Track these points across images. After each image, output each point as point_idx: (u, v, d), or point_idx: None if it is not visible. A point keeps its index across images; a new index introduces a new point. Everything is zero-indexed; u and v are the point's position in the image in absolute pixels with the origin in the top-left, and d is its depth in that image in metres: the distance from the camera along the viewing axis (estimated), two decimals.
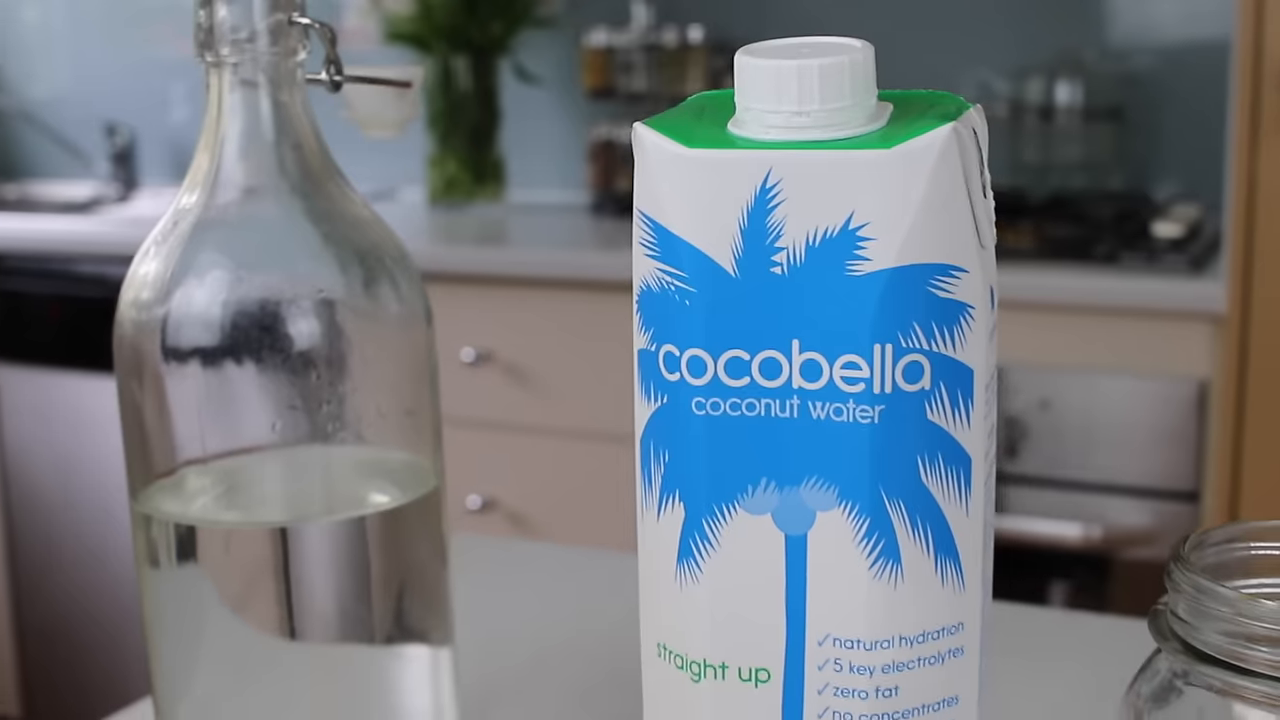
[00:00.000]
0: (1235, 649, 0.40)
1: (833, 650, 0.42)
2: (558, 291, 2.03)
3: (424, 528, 0.56)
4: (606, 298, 1.96)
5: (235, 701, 0.55)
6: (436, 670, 0.58)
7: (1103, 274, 1.79)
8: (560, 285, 2.02)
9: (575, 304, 2.03)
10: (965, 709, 0.43)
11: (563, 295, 2.03)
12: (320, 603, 0.55)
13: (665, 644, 0.44)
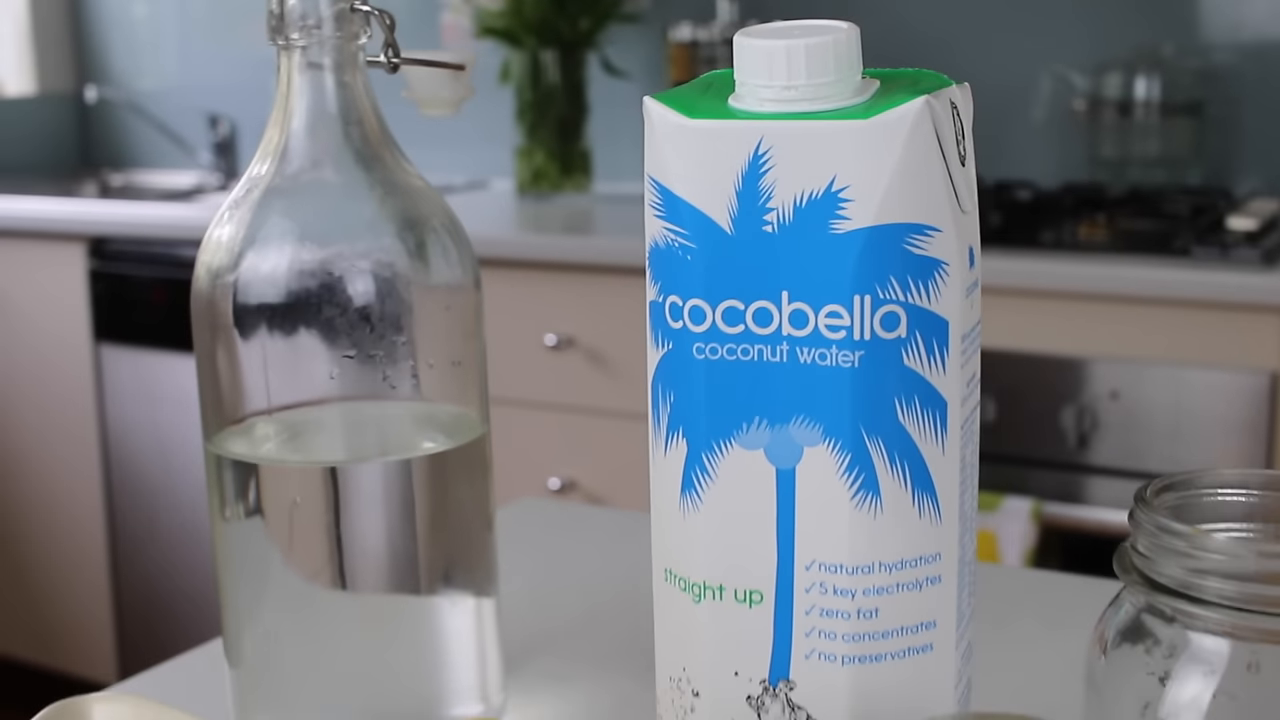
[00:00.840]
0: (1190, 580, 0.44)
1: (819, 574, 0.46)
2: (639, 279, 2.08)
3: (469, 473, 0.61)
4: None
5: (292, 641, 0.60)
6: (480, 619, 0.63)
7: (1175, 266, 1.81)
8: (642, 273, 2.07)
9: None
10: (944, 633, 0.47)
11: (644, 283, 2.07)
12: (370, 542, 0.60)
13: (671, 569, 0.48)
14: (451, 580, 0.62)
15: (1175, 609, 0.45)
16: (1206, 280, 1.77)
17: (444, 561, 0.62)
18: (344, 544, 0.60)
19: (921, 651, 0.47)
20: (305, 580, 0.60)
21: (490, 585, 0.64)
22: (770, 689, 0.47)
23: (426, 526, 0.61)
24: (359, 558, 0.60)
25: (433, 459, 0.60)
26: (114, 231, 2.48)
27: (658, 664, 0.50)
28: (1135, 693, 0.46)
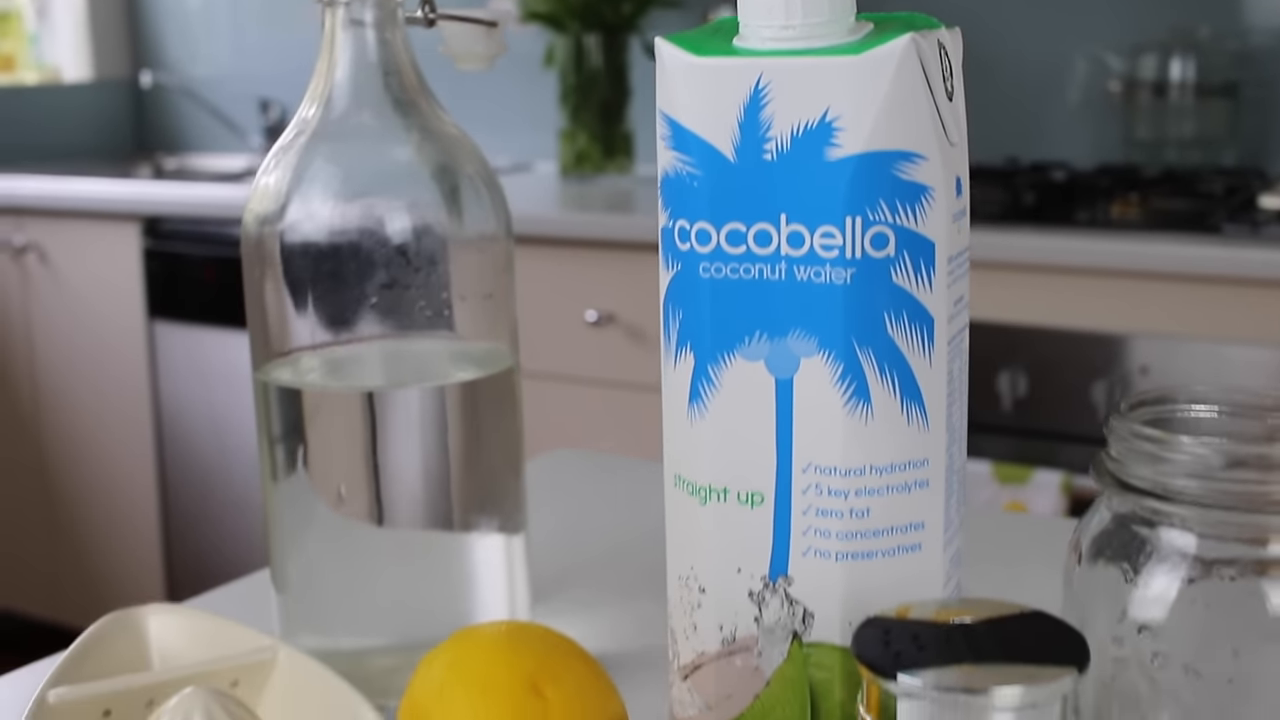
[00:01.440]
0: (1159, 480, 0.48)
1: (814, 477, 0.50)
2: None
3: (500, 403, 0.66)
4: None
5: (332, 569, 0.65)
6: (510, 554, 0.68)
7: (1206, 244, 1.83)
8: None
9: None
10: (932, 534, 0.51)
11: None
12: (404, 468, 0.65)
13: (680, 475, 0.52)
14: (483, 508, 0.66)
15: (1145, 509, 0.48)
16: (1237, 257, 1.79)
17: (476, 489, 0.66)
18: (380, 469, 0.64)
19: (911, 551, 0.51)
20: (345, 507, 0.65)
21: (519, 520, 0.68)
22: (770, 584, 0.51)
23: (459, 453, 0.65)
24: (394, 483, 0.65)
25: (465, 387, 0.65)
26: (168, 211, 2.54)
27: (668, 565, 0.54)
28: (1108, 594, 0.50)
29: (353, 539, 0.65)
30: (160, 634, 0.66)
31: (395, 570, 0.65)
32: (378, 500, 0.64)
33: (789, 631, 0.51)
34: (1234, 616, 0.47)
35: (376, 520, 0.65)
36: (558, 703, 0.53)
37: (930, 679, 0.41)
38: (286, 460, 0.65)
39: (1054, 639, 0.44)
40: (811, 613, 0.51)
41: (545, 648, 0.55)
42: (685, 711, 0.54)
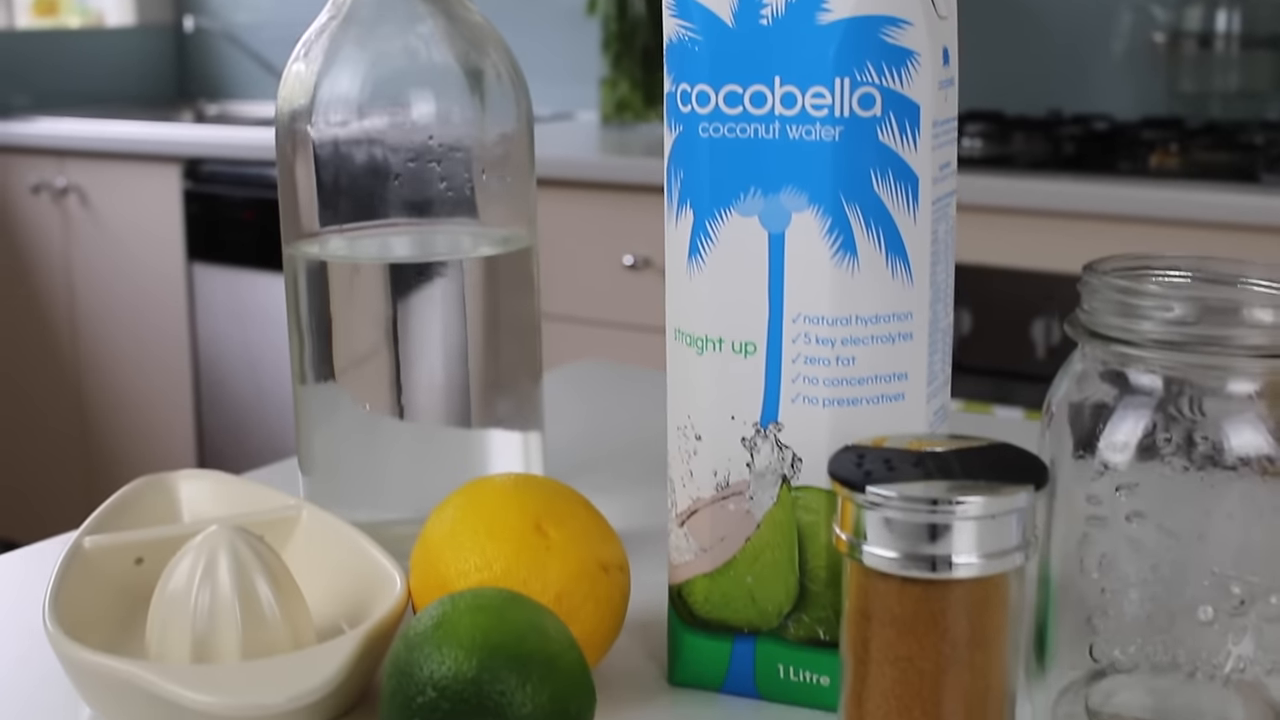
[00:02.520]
0: (1126, 325, 0.51)
1: (804, 326, 0.53)
2: None
3: (518, 282, 0.69)
4: None
5: (355, 452, 0.68)
6: (527, 451, 0.71)
7: (1244, 192, 1.84)
8: None
9: None
10: (915, 385, 0.54)
11: None
12: (425, 342, 0.68)
13: (679, 328, 0.55)
14: (501, 389, 0.70)
15: (1115, 355, 0.51)
16: (1273, 205, 1.80)
17: (494, 368, 0.69)
18: (400, 342, 0.67)
19: (894, 400, 0.54)
20: (367, 385, 0.68)
21: (537, 411, 0.71)
22: (761, 431, 0.54)
23: (478, 328, 0.68)
24: (414, 358, 0.68)
25: (484, 262, 0.68)
26: (208, 153, 2.59)
27: (668, 417, 0.57)
28: (1081, 441, 0.52)
29: (376, 420, 0.68)
30: (191, 495, 0.70)
31: (414, 451, 0.69)
32: (398, 374, 0.68)
33: (778, 476, 0.54)
34: (1199, 461, 0.50)
35: (397, 403, 0.68)
36: (559, 541, 0.56)
37: (896, 491, 0.44)
38: (315, 344, 0.68)
39: (1017, 464, 0.47)
40: (800, 457, 0.54)
41: (551, 493, 0.58)
42: (682, 556, 0.57)
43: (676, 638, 0.58)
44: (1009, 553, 0.45)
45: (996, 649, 0.46)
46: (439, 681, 0.47)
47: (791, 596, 0.55)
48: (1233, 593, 0.49)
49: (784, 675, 0.57)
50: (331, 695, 0.53)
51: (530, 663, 0.47)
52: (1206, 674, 0.50)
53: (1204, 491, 0.50)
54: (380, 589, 0.59)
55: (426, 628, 0.49)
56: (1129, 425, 0.51)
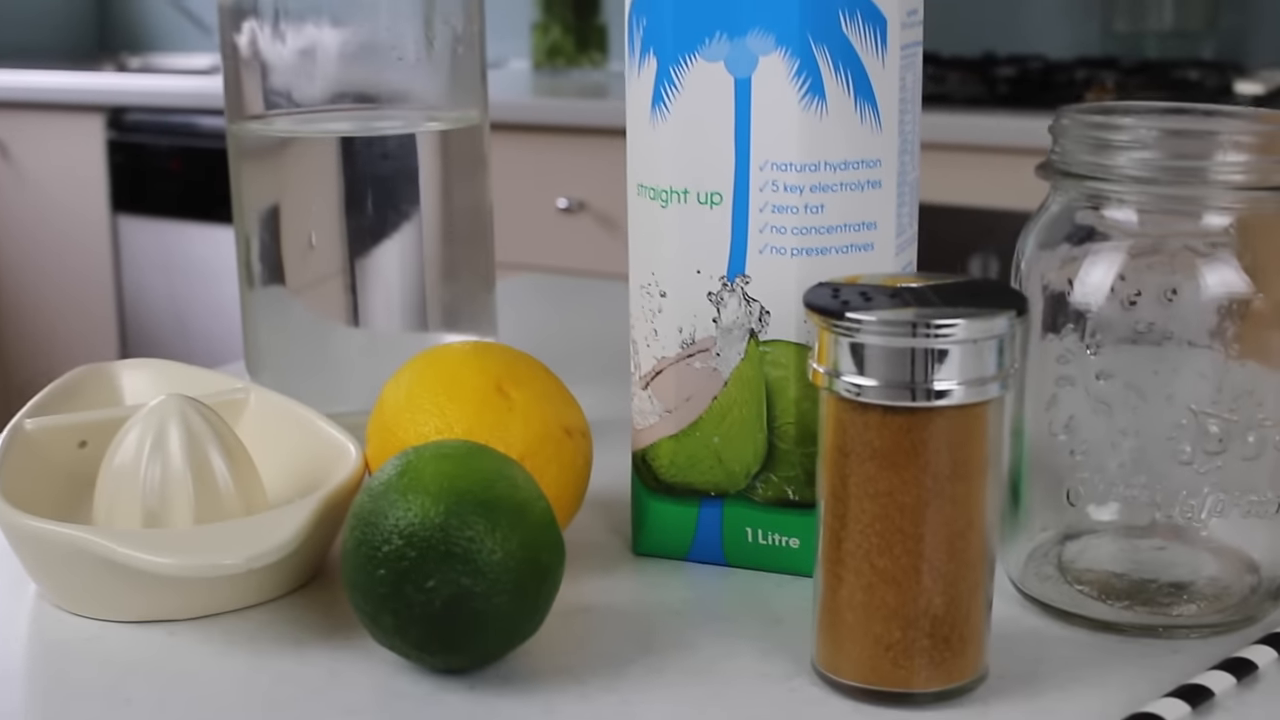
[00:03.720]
0: (1100, 161, 0.50)
1: (771, 174, 0.52)
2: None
3: (469, 163, 0.67)
4: None
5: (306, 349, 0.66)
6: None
7: None
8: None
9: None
10: (883, 236, 0.53)
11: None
12: (378, 228, 0.66)
13: (642, 182, 0.54)
14: (457, 280, 0.68)
15: (1088, 191, 0.50)
16: None
17: (449, 261, 0.68)
18: (352, 230, 0.65)
19: (863, 250, 0.53)
20: (315, 258, 0.66)
21: (491, 316, 0.70)
22: (728, 284, 0.53)
23: (433, 213, 0.66)
24: (366, 247, 0.66)
25: (436, 138, 0.66)
26: (131, 102, 2.53)
27: (630, 278, 0.56)
28: (1052, 298, 0.52)
29: (327, 317, 0.66)
30: (133, 383, 0.68)
31: (367, 344, 0.67)
32: (350, 265, 0.66)
33: (746, 331, 0.53)
34: (1173, 302, 0.49)
35: (351, 296, 0.66)
36: (522, 403, 0.55)
37: (877, 316, 0.43)
38: (262, 230, 0.66)
39: (995, 294, 0.46)
40: (768, 310, 0.53)
41: (511, 357, 0.57)
42: (646, 420, 0.56)
43: (640, 505, 0.57)
44: (990, 381, 0.44)
45: (978, 483, 0.45)
46: (405, 529, 0.45)
47: (760, 456, 0.54)
48: (1210, 432, 0.49)
49: (752, 539, 0.55)
50: (290, 558, 0.51)
51: (499, 509, 0.46)
52: (1184, 520, 0.50)
53: (1180, 332, 0.49)
54: (335, 461, 0.57)
55: (390, 477, 0.47)
56: (1103, 268, 0.50)
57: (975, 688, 0.47)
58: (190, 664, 0.49)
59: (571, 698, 0.47)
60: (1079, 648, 0.50)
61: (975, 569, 0.46)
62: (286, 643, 0.51)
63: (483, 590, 0.45)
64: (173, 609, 0.52)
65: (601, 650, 0.50)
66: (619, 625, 0.52)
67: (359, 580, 0.46)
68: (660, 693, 0.47)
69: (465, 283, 0.68)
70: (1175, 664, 0.49)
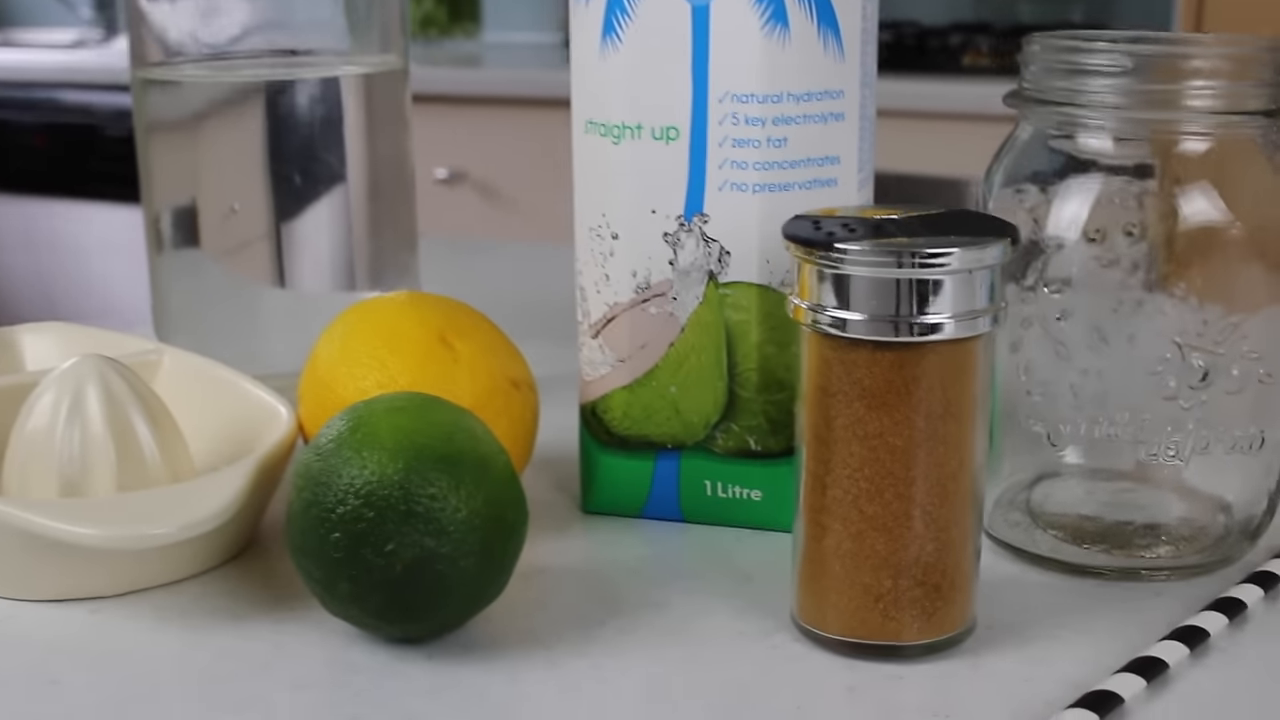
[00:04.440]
0: (1075, 86, 0.48)
1: (731, 106, 0.49)
2: (530, 111, 2.09)
3: (391, 108, 0.64)
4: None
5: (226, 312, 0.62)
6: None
7: None
8: (530, 103, 2.08)
9: (544, 123, 2.08)
10: (846, 169, 0.50)
11: (533, 114, 2.09)
12: (299, 175, 0.62)
13: (591, 119, 0.51)
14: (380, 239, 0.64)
15: (1062, 117, 0.48)
16: None
17: (374, 218, 0.64)
18: (273, 183, 0.61)
19: (826, 185, 0.50)
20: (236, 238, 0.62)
21: (414, 277, 0.66)
22: (685, 224, 0.50)
23: (358, 164, 0.62)
24: (287, 201, 0.62)
25: (359, 81, 0.62)
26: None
27: (577, 222, 0.52)
28: (1023, 220, 0.49)
29: (248, 277, 0.62)
30: (36, 349, 0.63)
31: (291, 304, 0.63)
32: (275, 223, 0.62)
33: (705, 273, 0.51)
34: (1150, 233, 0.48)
35: (275, 255, 0.62)
36: (467, 355, 0.51)
37: (866, 247, 0.41)
38: (171, 158, 0.62)
39: (982, 225, 0.44)
40: (728, 251, 0.50)
41: (451, 308, 0.53)
42: (596, 371, 0.53)
43: (591, 461, 0.54)
44: (981, 314, 0.42)
45: (968, 422, 0.43)
46: (361, 488, 0.42)
47: (719, 405, 0.52)
48: (1195, 366, 0.47)
49: (711, 492, 0.53)
50: (226, 527, 0.48)
51: (461, 464, 0.43)
52: (1167, 458, 0.48)
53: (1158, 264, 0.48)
54: (264, 424, 0.53)
55: (341, 433, 0.43)
56: (1077, 201, 0.48)
57: (965, 639, 0.45)
58: (119, 642, 0.46)
59: (539, 664, 0.44)
60: (1059, 594, 0.48)
61: (966, 513, 0.43)
62: (223, 617, 0.47)
63: (447, 552, 0.42)
64: (96, 585, 0.48)
65: (565, 613, 0.47)
66: (579, 586, 0.49)
67: (310, 545, 0.43)
68: (633, 655, 0.44)
69: (390, 240, 0.64)
70: (1161, 606, 0.47)
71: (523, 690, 0.42)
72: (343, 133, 0.61)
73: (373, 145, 0.62)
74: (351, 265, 0.63)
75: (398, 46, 0.64)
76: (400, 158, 0.64)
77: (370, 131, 0.62)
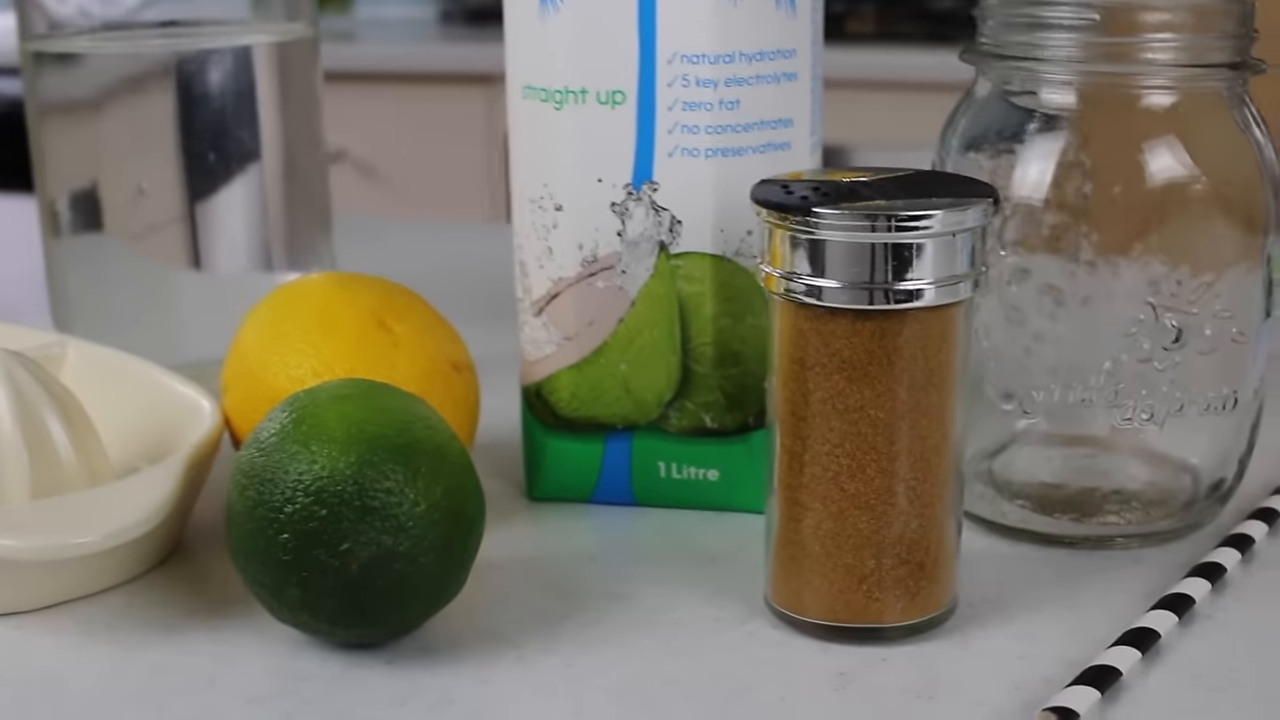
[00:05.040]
0: (1032, 42, 0.46)
1: (681, 67, 0.46)
2: (407, 88, 2.05)
3: (303, 80, 0.60)
4: (453, 91, 1.98)
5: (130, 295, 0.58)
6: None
7: (937, 53, 1.85)
8: (406, 79, 2.04)
9: (422, 99, 2.04)
10: (799, 132, 0.48)
11: (410, 90, 2.05)
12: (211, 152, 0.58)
13: (530, 84, 0.48)
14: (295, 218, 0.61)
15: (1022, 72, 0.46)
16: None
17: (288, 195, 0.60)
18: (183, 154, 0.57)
19: (780, 149, 0.48)
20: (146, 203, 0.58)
21: (331, 257, 0.63)
22: (634, 193, 0.48)
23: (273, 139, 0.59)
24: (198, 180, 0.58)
25: (271, 50, 0.59)
26: None
27: (516, 191, 0.50)
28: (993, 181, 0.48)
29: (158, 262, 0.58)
30: None
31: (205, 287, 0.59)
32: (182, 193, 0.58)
33: (655, 243, 0.48)
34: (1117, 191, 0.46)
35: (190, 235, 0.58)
36: (406, 337, 0.48)
37: (844, 210, 0.39)
38: (67, 137, 0.58)
39: (958, 186, 0.42)
40: (679, 220, 0.48)
41: (385, 289, 0.50)
42: (541, 350, 0.50)
43: (536, 445, 0.51)
44: (963, 279, 0.40)
45: (950, 393, 0.41)
46: (311, 484, 0.39)
47: (673, 382, 0.49)
48: (1169, 326, 0.46)
49: (665, 474, 0.50)
50: (154, 532, 0.44)
51: (418, 454, 0.40)
52: (1140, 422, 0.47)
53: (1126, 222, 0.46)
54: (185, 419, 0.50)
55: (284, 426, 0.40)
56: (1041, 160, 0.46)
57: (947, 619, 0.43)
58: (45, 661, 0.42)
59: (507, 664, 0.41)
60: (1034, 565, 0.47)
61: (949, 487, 0.42)
62: (156, 629, 0.44)
63: (406, 549, 0.39)
64: (15, 600, 0.44)
65: (526, 608, 0.44)
66: (537, 579, 0.46)
67: (256, 548, 0.40)
68: (606, 650, 0.42)
69: (305, 219, 0.61)
70: (1139, 574, 0.46)
71: (495, 692, 0.40)
72: (256, 106, 0.57)
73: (286, 119, 0.59)
74: (268, 246, 0.59)
75: (306, 14, 0.61)
76: (314, 132, 0.61)
77: (284, 104, 0.59)
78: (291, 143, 0.59)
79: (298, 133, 0.59)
